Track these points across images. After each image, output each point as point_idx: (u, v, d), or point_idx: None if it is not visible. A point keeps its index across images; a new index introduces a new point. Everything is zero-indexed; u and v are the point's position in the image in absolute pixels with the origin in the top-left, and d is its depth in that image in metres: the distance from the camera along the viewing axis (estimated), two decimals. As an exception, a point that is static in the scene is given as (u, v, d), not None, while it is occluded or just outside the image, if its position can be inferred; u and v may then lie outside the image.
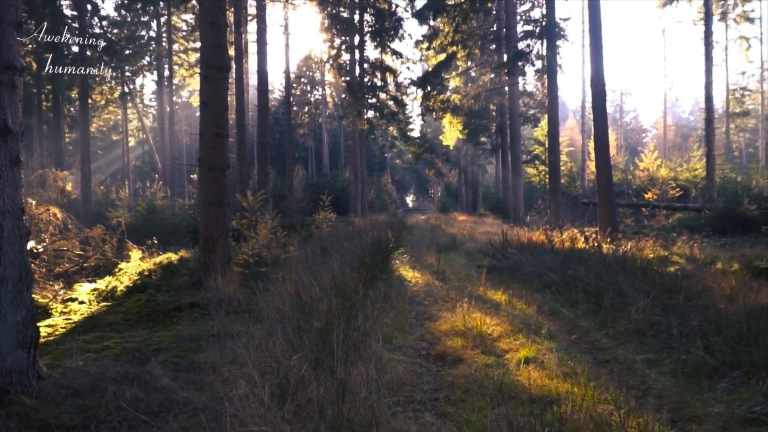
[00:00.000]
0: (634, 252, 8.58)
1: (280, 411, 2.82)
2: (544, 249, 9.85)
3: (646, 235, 12.83)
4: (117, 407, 3.30)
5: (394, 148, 42.24)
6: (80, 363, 4.30)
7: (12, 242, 3.44)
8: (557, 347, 4.70)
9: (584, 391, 3.55)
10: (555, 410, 3.23)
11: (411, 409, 3.53)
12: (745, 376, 3.77)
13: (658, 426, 2.97)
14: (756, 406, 3.27)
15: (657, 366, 4.28)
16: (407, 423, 3.23)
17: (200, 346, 4.71)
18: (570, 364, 4.23)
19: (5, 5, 3.38)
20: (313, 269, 6.31)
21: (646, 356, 4.49)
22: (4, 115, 3.38)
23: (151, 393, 3.56)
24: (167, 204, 19.60)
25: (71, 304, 6.98)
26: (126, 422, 3.17)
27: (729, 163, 33.52)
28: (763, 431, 3.01)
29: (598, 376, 3.99)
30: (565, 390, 3.64)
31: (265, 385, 3.01)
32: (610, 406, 3.27)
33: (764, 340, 4.11)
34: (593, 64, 13.90)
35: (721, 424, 3.16)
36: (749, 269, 7.84)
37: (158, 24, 30.93)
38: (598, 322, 5.70)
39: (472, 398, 3.59)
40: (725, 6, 29.75)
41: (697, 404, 3.47)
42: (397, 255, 9.35)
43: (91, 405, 3.41)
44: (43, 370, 3.80)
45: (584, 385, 3.65)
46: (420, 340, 5.18)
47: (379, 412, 3.10)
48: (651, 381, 3.96)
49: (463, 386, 3.82)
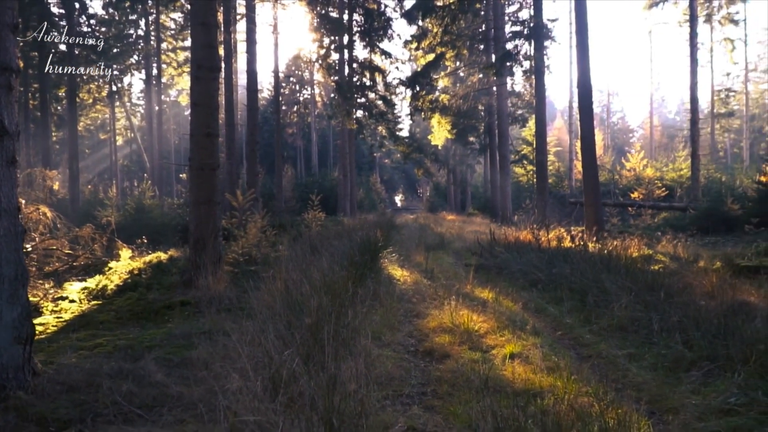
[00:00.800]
0: (618, 251, 8.74)
1: (273, 403, 2.91)
2: (531, 248, 9.99)
3: (631, 234, 13.05)
4: (112, 401, 3.38)
5: (383, 148, 42.36)
6: (73, 360, 4.37)
7: (8, 241, 3.51)
8: (542, 343, 4.82)
9: (566, 384, 3.67)
10: (538, 402, 3.35)
11: (399, 402, 3.63)
12: (722, 369, 3.91)
13: (636, 416, 3.09)
14: (731, 398, 3.40)
15: (638, 360, 4.42)
16: (395, 415, 3.33)
17: (192, 343, 4.78)
18: (554, 359, 4.36)
19: (2, 8, 3.44)
20: (303, 268, 6.39)
21: (628, 351, 4.62)
22: (0, 116, 3.45)
23: (145, 388, 3.64)
24: (156, 203, 19.58)
25: (62, 302, 7.02)
26: (121, 416, 3.25)
27: (714, 163, 33.96)
28: (737, 420, 3.14)
29: (581, 370, 4.11)
30: (548, 384, 3.76)
31: (258, 378, 3.10)
32: (591, 399, 3.39)
33: (740, 334, 4.25)
34: (580, 65, 14.08)
35: (697, 414, 3.29)
36: (730, 267, 8.03)
37: (146, 22, 30.83)
38: (582, 319, 5.83)
39: (459, 392, 3.70)
40: (710, 8, 30.15)
41: (675, 396, 3.60)
42: (386, 254, 9.45)
43: (86, 400, 3.49)
44: (38, 366, 3.87)
45: (567, 378, 3.78)
46: (408, 336, 5.28)
47: (369, 404, 3.20)
48: (631, 375, 4.09)
49: (450, 381, 3.93)
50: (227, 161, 18.24)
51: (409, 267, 9.42)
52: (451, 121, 24.69)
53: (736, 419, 3.17)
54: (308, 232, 12.74)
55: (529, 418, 2.97)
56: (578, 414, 3.00)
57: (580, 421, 2.91)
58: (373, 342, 4.63)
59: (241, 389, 3.03)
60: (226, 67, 18.81)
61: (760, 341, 4.00)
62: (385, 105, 27.53)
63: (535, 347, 4.61)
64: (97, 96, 33.03)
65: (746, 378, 3.63)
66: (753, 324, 4.49)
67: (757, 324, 4.48)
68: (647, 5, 28.16)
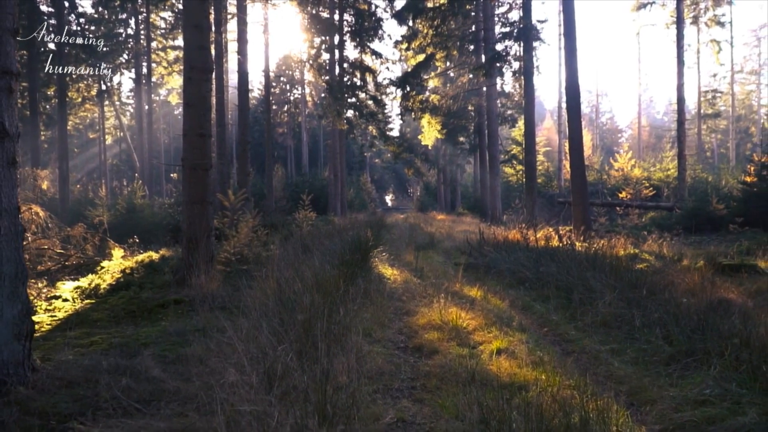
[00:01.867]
0: (604, 250, 8.92)
1: (268, 395, 3.03)
2: (520, 247, 10.15)
3: (618, 234, 13.25)
4: (111, 396, 3.48)
5: (374, 148, 42.52)
6: (70, 357, 4.45)
7: (9, 240, 3.60)
8: (528, 339, 4.97)
9: (550, 377, 3.82)
10: (523, 394, 3.49)
11: (389, 395, 3.76)
12: (698, 363, 4.07)
13: (616, 407, 3.24)
14: (706, 389, 3.56)
15: (620, 355, 4.58)
16: (386, 407, 3.46)
17: (187, 340, 4.88)
18: (539, 353, 4.50)
19: (2, 12, 3.54)
20: (294, 267, 6.50)
21: (611, 346, 4.78)
22: (1, 118, 3.54)
23: (142, 383, 3.75)
24: (147, 203, 19.60)
25: (55, 301, 7.09)
26: (120, 409, 3.35)
27: (701, 163, 34.32)
28: (711, 411, 3.30)
29: (564, 364, 4.26)
30: (533, 377, 3.90)
31: (253, 372, 3.22)
32: (573, 391, 3.54)
33: (717, 329, 4.42)
34: (568, 67, 14.28)
35: (673, 405, 3.45)
36: (713, 265, 8.23)
37: (136, 22, 30.77)
38: (568, 316, 5.99)
39: (447, 385, 3.83)
40: (697, 10, 30.49)
41: (654, 388, 3.76)
42: (376, 253, 9.57)
43: (85, 394, 3.59)
44: (37, 362, 3.96)
45: (550, 372, 3.92)
46: (398, 333, 5.41)
47: (360, 397, 3.33)
48: (614, 368, 4.25)
49: (439, 375, 4.06)
50: (218, 161, 18.29)
51: (399, 266, 9.55)
52: (441, 121, 24.83)
53: (710, 409, 3.32)
54: (299, 232, 12.84)
55: (514, 409, 3.11)
56: (560, 405, 3.14)
57: (561, 411, 3.05)
58: (364, 339, 4.76)
59: (238, 383, 3.15)
60: (216, 67, 18.83)
61: (735, 335, 4.17)
62: (375, 105, 27.65)
63: (521, 343, 4.75)
64: (87, 95, 32.88)
65: (721, 371, 3.80)
66: (730, 320, 4.67)
67: (734, 320, 4.66)
68: (635, 7, 28.48)
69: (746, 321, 4.58)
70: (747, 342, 4.05)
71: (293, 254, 8.24)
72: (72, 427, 3.12)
